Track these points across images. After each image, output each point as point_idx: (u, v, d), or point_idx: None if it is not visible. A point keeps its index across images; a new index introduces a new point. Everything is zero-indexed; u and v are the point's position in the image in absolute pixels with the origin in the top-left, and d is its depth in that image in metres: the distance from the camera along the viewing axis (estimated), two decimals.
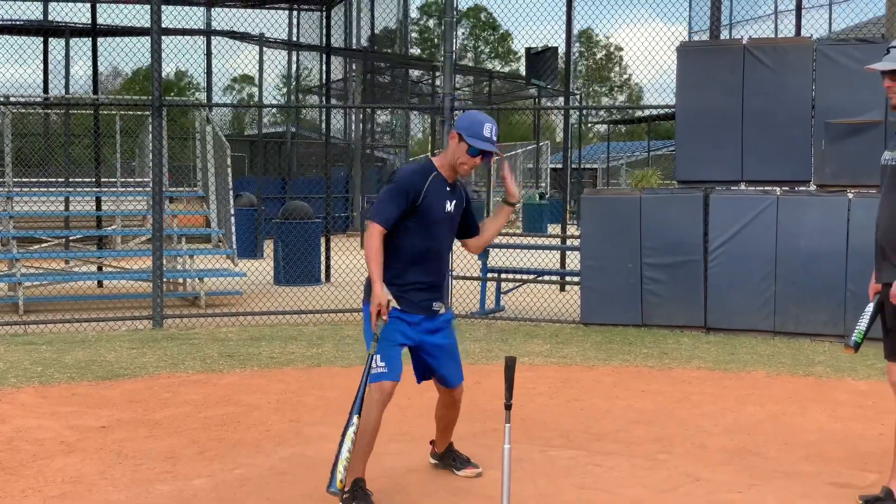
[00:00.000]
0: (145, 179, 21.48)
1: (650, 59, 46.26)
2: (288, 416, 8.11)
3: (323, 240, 18.22)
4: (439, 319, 6.14)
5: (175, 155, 24.42)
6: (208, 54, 24.44)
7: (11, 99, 16.09)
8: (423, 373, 6.34)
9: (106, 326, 12.68)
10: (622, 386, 9.42)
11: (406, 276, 6.00)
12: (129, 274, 16.02)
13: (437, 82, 32.07)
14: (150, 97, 13.22)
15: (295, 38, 28.51)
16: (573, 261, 17.09)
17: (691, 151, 12.89)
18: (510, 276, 15.01)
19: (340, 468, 5.57)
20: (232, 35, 23.46)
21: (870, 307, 6.09)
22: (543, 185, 39.92)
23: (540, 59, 16.47)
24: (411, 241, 5.96)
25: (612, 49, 67.21)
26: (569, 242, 17.93)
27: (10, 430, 7.58)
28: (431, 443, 6.69)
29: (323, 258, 18.09)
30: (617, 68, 68.61)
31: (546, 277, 15.93)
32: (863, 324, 6.01)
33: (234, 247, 16.14)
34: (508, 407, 5.39)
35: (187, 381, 9.48)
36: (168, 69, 41.80)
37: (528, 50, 18.42)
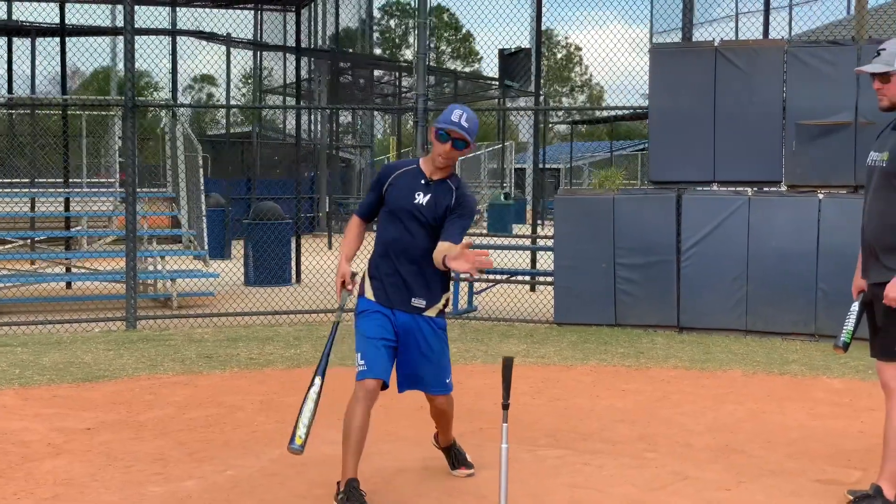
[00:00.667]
0: (111, 180, 21.45)
1: (611, 60, 46.48)
2: (273, 417, 8.12)
3: (293, 241, 18.17)
4: (426, 320, 6.08)
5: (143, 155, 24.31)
6: (174, 54, 24.31)
7: None
8: (401, 376, 6.22)
9: (79, 328, 12.61)
10: (602, 385, 9.50)
11: (382, 267, 6.05)
12: (99, 275, 15.93)
13: (404, 83, 32.18)
14: (117, 97, 13.17)
15: (259, 39, 28.44)
16: (545, 261, 17.21)
17: (664, 152, 12.99)
18: (483, 276, 15.07)
19: (300, 426, 5.74)
20: (199, 35, 23.36)
21: (855, 306, 6.18)
22: (507, 185, 40.03)
23: (513, 60, 16.53)
24: (384, 230, 6.06)
25: (571, 49, 67.55)
26: (540, 243, 17.99)
27: None
28: (435, 436, 6.74)
29: (294, 259, 18.04)
30: (578, 68, 68.92)
31: (518, 278, 15.99)
32: (850, 323, 6.10)
33: (206, 248, 16.10)
34: (506, 407, 5.42)
35: (168, 382, 9.47)
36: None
37: (501, 51, 18.48)
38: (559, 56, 69.16)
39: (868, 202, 6.08)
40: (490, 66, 66.65)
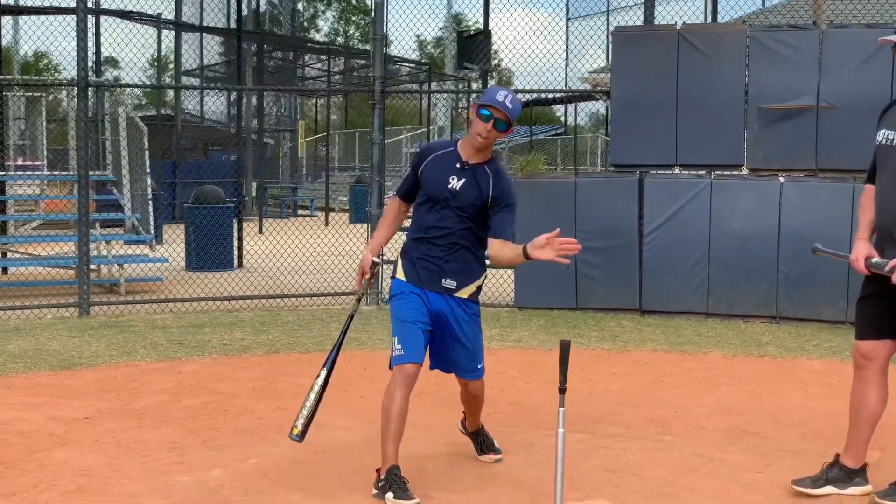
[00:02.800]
0: (36, 163, 20.90)
1: (519, 44, 46.54)
2: (273, 404, 7.95)
3: (235, 225, 17.85)
4: (460, 303, 5.97)
5: (52, 138, 23.72)
6: (97, 35, 23.77)
7: None
8: (434, 357, 6.16)
9: (31, 314, 12.23)
10: (590, 369, 9.46)
11: (415, 248, 5.98)
12: (43, 261, 15.46)
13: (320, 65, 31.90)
14: (60, 78, 12.78)
15: (179, 19, 28.04)
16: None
17: (626, 136, 12.99)
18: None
19: (300, 416, 5.90)
20: (127, 16, 22.84)
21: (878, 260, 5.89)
22: None
23: (472, 42, 16.45)
24: (418, 213, 5.99)
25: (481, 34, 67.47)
26: None
27: None
28: (464, 412, 6.63)
29: (235, 243, 17.73)
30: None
31: None
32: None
33: (153, 232, 15.75)
34: (562, 391, 5.36)
35: (148, 369, 9.22)
36: (27, 49, 40.37)
37: (459, 34, 18.32)
38: None
39: (886, 184, 5.89)
40: (399, 50, 66.34)
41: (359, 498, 5.77)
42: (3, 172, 16.52)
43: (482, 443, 6.60)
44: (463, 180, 5.84)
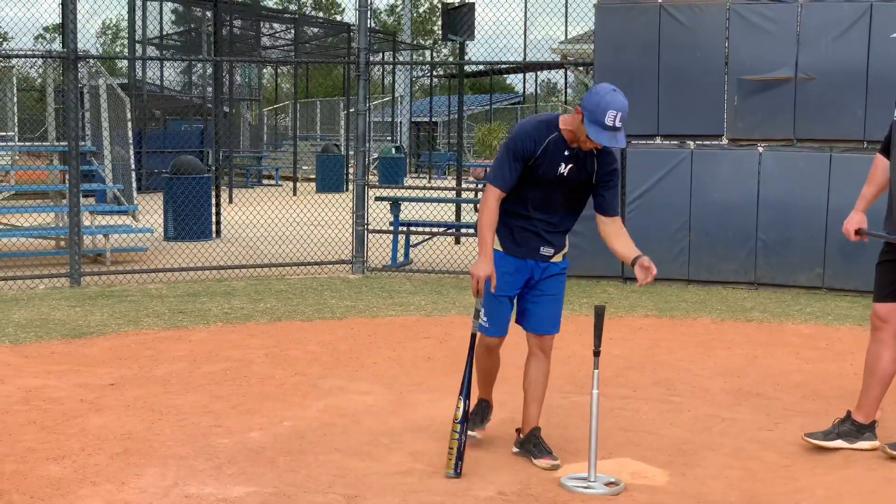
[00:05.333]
0: (8, 133, 20.82)
1: (480, 13, 46.54)
2: (290, 370, 8.18)
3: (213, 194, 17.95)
4: (549, 266, 6.01)
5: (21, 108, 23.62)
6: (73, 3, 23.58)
7: None
8: (521, 313, 6.15)
9: (23, 284, 12.35)
10: (587, 334, 9.62)
11: (514, 218, 5.87)
12: (29, 231, 15.52)
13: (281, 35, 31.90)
14: (57, 49, 12.85)
15: None
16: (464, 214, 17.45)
17: None
18: (421, 229, 15.25)
19: (451, 454, 5.72)
20: None
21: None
22: (397, 138, 40.13)
23: (457, 14, 16.62)
24: (522, 188, 5.81)
25: (434, 2, 67.46)
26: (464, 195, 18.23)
27: (17, 390, 7.44)
28: (517, 431, 6.25)
29: (214, 213, 17.84)
30: (440, 22, 68.87)
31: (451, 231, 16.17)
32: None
33: (136, 203, 15.87)
34: (597, 353, 5.64)
35: (158, 337, 9.41)
36: None
37: (444, 6, 18.48)
38: (421, 10, 69.15)
39: None
40: (351, 17, 66.18)
41: (398, 458, 6.03)
42: None
43: (536, 447, 6.09)
44: (570, 165, 5.78)
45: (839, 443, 6.27)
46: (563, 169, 5.78)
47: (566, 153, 5.77)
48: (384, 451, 6.15)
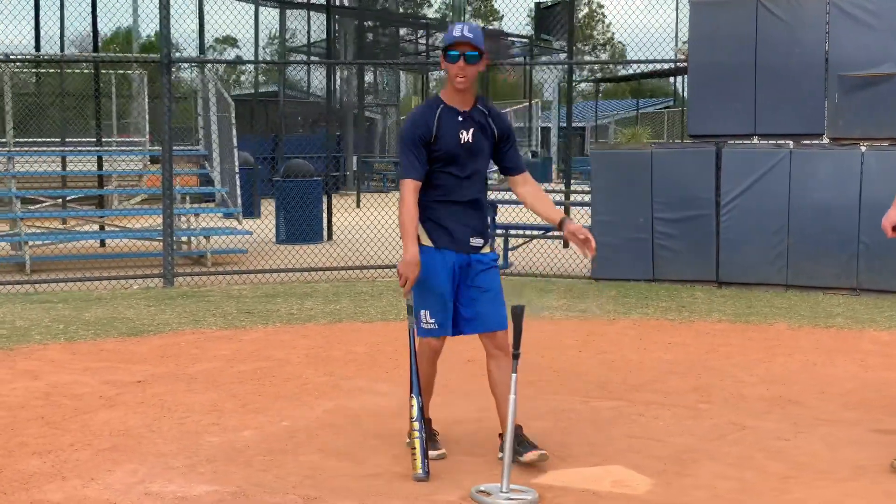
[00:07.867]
0: (140, 139, 21.39)
1: (632, 18, 45.93)
2: (321, 370, 8.11)
3: (325, 198, 18.08)
4: (482, 258, 5.83)
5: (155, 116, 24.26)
6: (200, 13, 24.16)
7: (11, 57, 15.80)
8: (465, 321, 5.87)
9: (118, 285, 12.62)
10: (648, 339, 9.43)
11: (439, 210, 5.74)
12: (133, 233, 15.90)
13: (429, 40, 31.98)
14: (152, 55, 13.10)
15: None
16: (579, 218, 17.13)
17: (703, 105, 12.89)
18: (518, 232, 15.04)
19: (415, 454, 5.55)
20: None
21: None
22: (534, 144, 39.91)
23: (550, 13, 16.38)
24: (437, 176, 5.74)
25: (594, 7, 67.00)
26: (573, 199, 17.94)
27: (46, 386, 7.55)
28: (500, 436, 5.81)
29: (325, 216, 17.97)
30: (600, 26, 68.44)
31: (553, 234, 15.90)
32: None
33: (240, 205, 16.08)
34: (516, 356, 5.38)
35: (212, 337, 9.46)
36: (149, 30, 41.26)
37: (538, 4, 18.28)
38: (581, 14, 68.70)
39: None
40: (510, 25, 66.30)
41: (379, 459, 5.87)
42: (100, 149, 17.00)
43: (521, 444, 5.76)
44: (471, 129, 5.73)
45: None
46: (467, 135, 5.72)
47: (459, 118, 5.72)
48: (368, 453, 5.99)
